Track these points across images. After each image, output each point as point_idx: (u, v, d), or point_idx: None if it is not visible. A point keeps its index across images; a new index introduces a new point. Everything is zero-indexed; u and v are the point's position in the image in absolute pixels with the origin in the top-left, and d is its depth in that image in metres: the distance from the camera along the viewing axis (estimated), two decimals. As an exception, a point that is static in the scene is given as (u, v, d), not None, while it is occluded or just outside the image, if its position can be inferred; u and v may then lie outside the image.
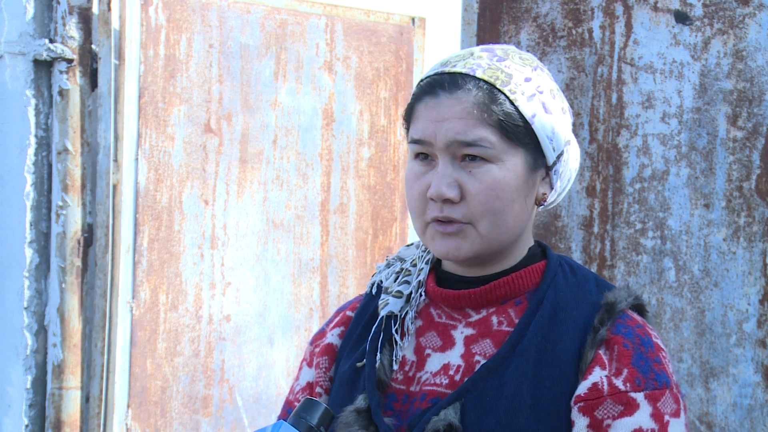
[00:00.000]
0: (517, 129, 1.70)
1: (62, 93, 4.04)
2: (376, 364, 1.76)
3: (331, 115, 4.66)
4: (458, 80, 1.71)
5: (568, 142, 1.77)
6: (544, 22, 3.09)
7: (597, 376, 1.67)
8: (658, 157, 2.94)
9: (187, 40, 4.31)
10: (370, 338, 1.79)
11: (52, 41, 4.03)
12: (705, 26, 2.90)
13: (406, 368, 1.76)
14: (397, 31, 4.81)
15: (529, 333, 1.70)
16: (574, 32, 3.05)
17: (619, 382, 1.66)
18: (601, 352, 1.68)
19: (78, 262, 4.05)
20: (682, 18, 2.92)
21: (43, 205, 4.06)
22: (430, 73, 1.76)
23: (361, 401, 1.74)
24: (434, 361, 1.75)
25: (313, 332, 3.54)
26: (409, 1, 5.14)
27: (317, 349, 1.87)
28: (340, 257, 4.70)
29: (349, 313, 1.88)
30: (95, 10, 4.11)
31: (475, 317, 1.75)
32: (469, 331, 1.74)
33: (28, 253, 4.02)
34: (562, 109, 1.76)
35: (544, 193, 1.77)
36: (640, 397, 1.65)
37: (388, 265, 1.87)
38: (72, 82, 4.05)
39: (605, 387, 1.66)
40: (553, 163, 1.76)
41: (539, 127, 1.72)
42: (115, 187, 4.13)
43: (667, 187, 2.93)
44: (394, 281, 1.82)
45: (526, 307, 1.73)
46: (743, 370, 2.82)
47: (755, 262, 2.82)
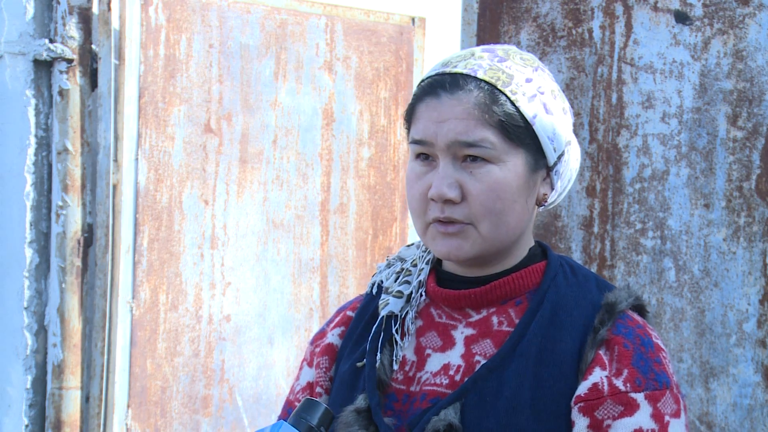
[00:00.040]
0: (518, 129, 1.70)
1: (62, 93, 4.04)
2: (377, 364, 1.76)
3: (331, 115, 4.66)
4: (459, 81, 1.71)
5: (569, 143, 1.77)
6: (544, 22, 3.09)
7: (597, 376, 1.67)
8: (658, 157, 2.94)
9: (187, 40, 4.31)
10: (370, 338, 1.79)
11: (52, 41, 4.02)
12: (705, 26, 2.90)
13: (407, 368, 1.76)
14: (397, 31, 4.81)
15: (530, 333, 1.70)
16: (574, 32, 3.05)
17: (620, 383, 1.66)
18: (602, 352, 1.68)
19: (78, 262, 4.05)
20: (682, 18, 2.92)
21: (43, 205, 4.06)
22: (431, 73, 1.76)
23: (361, 401, 1.74)
24: (434, 361, 1.75)
25: (313, 332, 3.54)
26: (409, 1, 5.13)
27: (317, 349, 1.87)
28: (340, 257, 4.70)
29: (350, 313, 1.88)
30: (95, 10, 4.11)
31: (476, 317, 1.75)
32: (470, 331, 1.74)
33: (28, 253, 4.02)
34: (563, 109, 1.76)
35: (545, 194, 1.77)
36: (640, 398, 1.65)
37: (389, 265, 1.87)
38: (72, 82, 4.05)
39: (605, 387, 1.66)
40: (554, 164, 1.75)
41: (540, 128, 1.72)
42: (115, 187, 4.12)
43: (667, 187, 2.93)
44: (395, 281, 1.82)
45: (527, 307, 1.73)
46: (743, 370, 2.82)
47: (755, 262, 2.82)
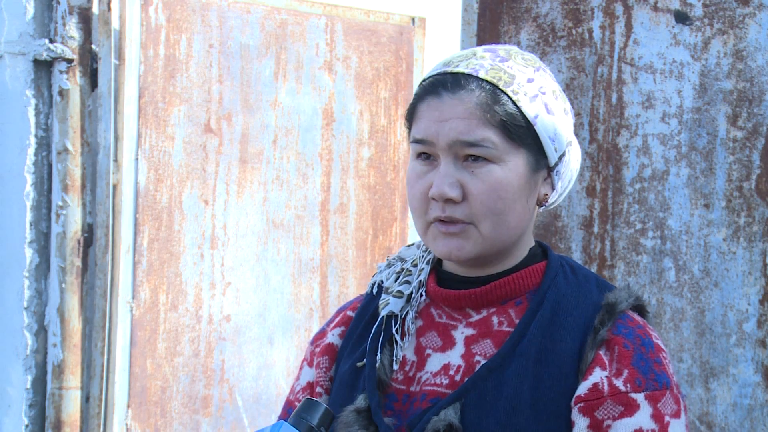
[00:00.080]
0: (520, 129, 1.70)
1: (62, 93, 4.04)
2: (377, 364, 1.76)
3: (331, 115, 4.66)
4: (461, 80, 1.71)
5: (570, 143, 1.77)
6: (544, 22, 3.09)
7: (597, 376, 1.66)
8: (658, 157, 2.94)
9: (187, 40, 4.31)
10: (370, 338, 1.79)
11: (52, 41, 4.02)
12: (705, 26, 2.90)
13: (407, 368, 1.76)
14: (397, 31, 4.81)
15: (530, 333, 1.70)
16: (574, 32, 3.05)
17: (620, 383, 1.66)
18: (602, 352, 1.68)
19: (78, 262, 4.05)
20: (682, 18, 2.92)
21: (43, 205, 4.06)
22: (432, 72, 1.75)
23: (361, 401, 1.74)
24: (434, 361, 1.75)
25: (313, 332, 3.54)
26: (409, 1, 5.13)
27: (318, 349, 1.87)
28: (340, 257, 4.70)
29: (350, 313, 1.88)
30: (95, 10, 4.11)
31: (476, 317, 1.75)
32: (470, 331, 1.74)
33: (28, 253, 4.02)
34: (564, 110, 1.75)
35: (546, 194, 1.77)
36: (640, 398, 1.65)
37: (389, 265, 1.87)
38: (72, 82, 4.05)
39: (605, 387, 1.66)
40: (555, 164, 1.75)
41: (541, 128, 1.72)
42: (115, 187, 4.12)
43: (667, 187, 2.93)
44: (395, 281, 1.82)
45: (527, 307, 1.73)
46: (743, 370, 2.82)
47: (755, 262, 2.82)
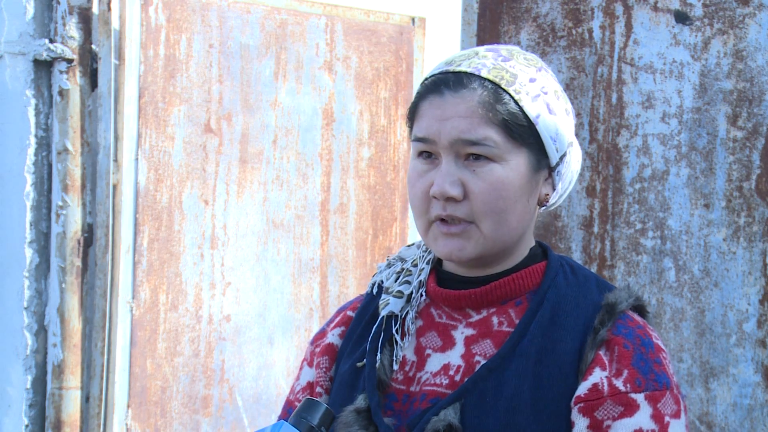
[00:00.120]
0: (522, 129, 1.70)
1: (62, 93, 4.04)
2: (377, 364, 1.76)
3: (331, 115, 4.66)
4: (463, 79, 1.71)
5: (571, 144, 1.77)
6: (544, 22, 3.09)
7: (597, 376, 1.66)
8: (658, 157, 2.94)
9: (187, 40, 4.31)
10: (370, 338, 1.79)
11: (52, 41, 4.02)
12: (705, 26, 2.90)
13: (407, 368, 1.76)
14: (397, 31, 4.81)
15: (530, 333, 1.70)
16: (574, 32, 3.05)
17: (620, 383, 1.66)
18: (602, 352, 1.68)
19: (78, 262, 4.05)
20: (682, 18, 2.92)
21: (43, 205, 4.06)
22: (434, 71, 1.75)
23: (361, 401, 1.74)
24: (434, 361, 1.75)
25: (313, 332, 3.54)
26: (409, 1, 5.13)
27: (318, 349, 1.87)
28: (340, 257, 4.70)
29: (350, 313, 1.88)
30: (95, 10, 4.11)
31: (476, 317, 1.75)
32: (470, 332, 1.74)
33: (28, 253, 4.02)
34: (565, 110, 1.75)
35: (547, 194, 1.77)
36: (640, 398, 1.65)
37: (389, 265, 1.86)
38: (72, 82, 4.05)
39: (605, 388, 1.65)
40: (556, 164, 1.75)
41: (543, 128, 1.72)
42: (115, 187, 4.12)
43: (667, 187, 2.93)
44: (395, 281, 1.82)
45: (527, 307, 1.73)
46: (743, 370, 2.82)
47: (755, 262, 2.82)
